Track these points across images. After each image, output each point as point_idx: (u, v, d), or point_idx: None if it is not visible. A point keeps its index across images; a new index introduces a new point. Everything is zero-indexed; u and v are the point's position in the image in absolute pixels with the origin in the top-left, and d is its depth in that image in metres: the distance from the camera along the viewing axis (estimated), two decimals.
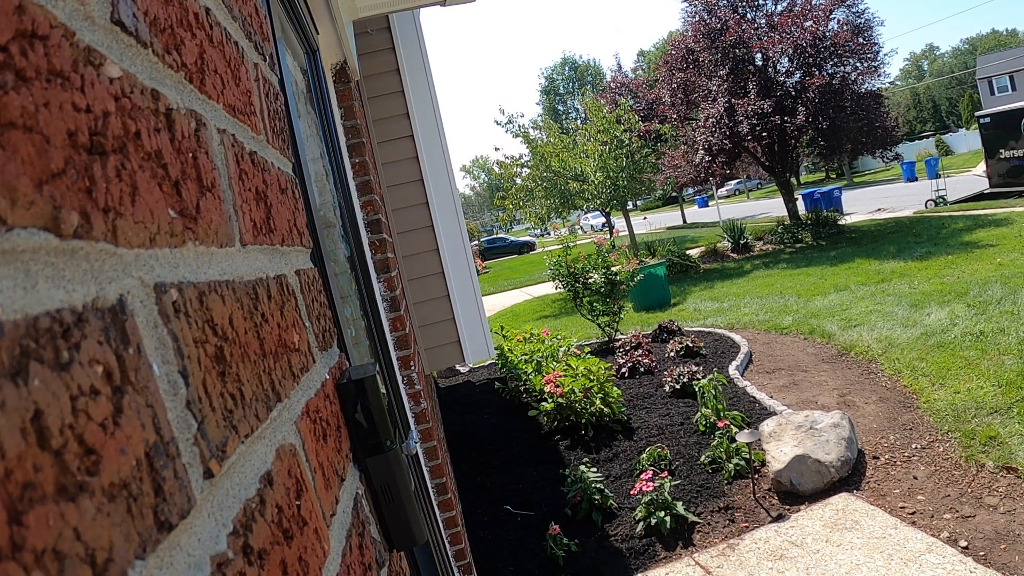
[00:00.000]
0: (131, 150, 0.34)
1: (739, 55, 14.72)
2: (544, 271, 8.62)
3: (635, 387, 5.75)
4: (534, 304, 13.92)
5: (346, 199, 2.06)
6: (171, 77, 0.42)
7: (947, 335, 5.56)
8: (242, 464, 0.41)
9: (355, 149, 2.58)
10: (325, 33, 2.20)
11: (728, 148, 14.58)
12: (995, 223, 11.26)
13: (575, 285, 7.92)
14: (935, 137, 44.70)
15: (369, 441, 0.80)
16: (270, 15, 1.06)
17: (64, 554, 0.23)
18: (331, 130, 2.03)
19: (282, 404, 0.52)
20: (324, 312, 0.82)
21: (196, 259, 0.41)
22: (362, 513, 0.75)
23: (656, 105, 18.33)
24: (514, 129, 15.09)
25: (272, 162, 0.68)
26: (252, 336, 0.48)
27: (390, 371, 2.04)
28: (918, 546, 3.02)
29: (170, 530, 0.30)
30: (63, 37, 0.29)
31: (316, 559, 0.52)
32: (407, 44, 3.66)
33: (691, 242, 19.15)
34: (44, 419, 0.23)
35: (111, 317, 0.30)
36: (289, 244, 0.67)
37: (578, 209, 16.09)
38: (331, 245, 1.96)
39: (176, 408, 0.34)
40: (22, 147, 0.25)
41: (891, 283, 8.17)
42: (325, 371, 0.73)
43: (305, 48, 1.89)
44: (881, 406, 4.63)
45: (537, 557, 3.48)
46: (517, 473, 4.44)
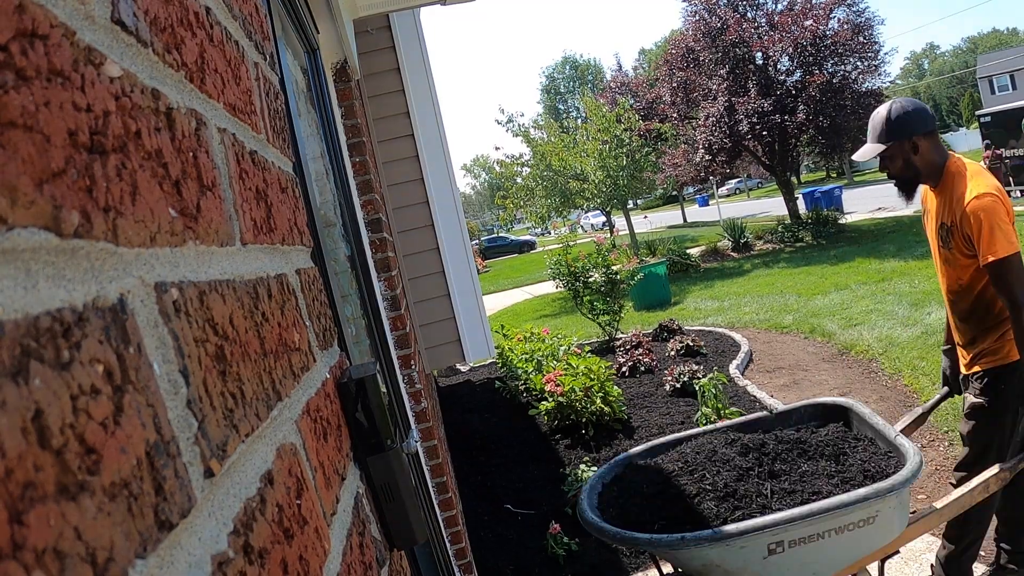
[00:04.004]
0: (131, 149, 0.34)
1: (739, 54, 14.72)
2: (545, 270, 8.62)
3: (635, 386, 5.75)
4: (534, 303, 13.93)
5: (346, 198, 2.06)
6: (171, 76, 0.42)
7: None
8: (243, 463, 0.41)
9: (355, 148, 2.58)
10: (325, 32, 2.20)
11: (728, 147, 14.59)
12: None
13: (575, 284, 7.92)
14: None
15: (370, 440, 0.80)
16: (270, 14, 1.06)
17: (65, 553, 0.23)
18: (331, 129, 2.03)
19: (283, 403, 0.52)
20: (325, 311, 0.82)
21: (196, 258, 0.41)
22: (363, 512, 0.75)
23: (656, 104, 18.33)
24: (515, 128, 15.10)
25: (272, 161, 0.68)
26: (253, 335, 0.48)
27: (391, 370, 2.05)
28: (918, 545, 3.02)
29: (171, 529, 0.30)
30: (63, 36, 0.29)
31: (317, 558, 0.52)
32: (407, 43, 3.65)
33: (691, 241, 19.14)
34: (45, 418, 0.23)
35: (112, 316, 0.30)
36: (289, 243, 0.67)
37: (578, 208, 16.10)
38: (332, 244, 1.97)
39: (177, 407, 0.34)
40: (22, 146, 0.25)
41: (891, 282, 8.16)
42: (326, 370, 0.73)
43: (305, 47, 1.89)
44: (881, 405, 4.63)
45: (538, 556, 3.48)
46: (518, 472, 4.44)
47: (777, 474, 2.27)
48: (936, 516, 2.25)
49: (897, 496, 1.99)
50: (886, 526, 2.04)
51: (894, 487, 1.96)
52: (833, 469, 2.25)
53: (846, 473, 2.22)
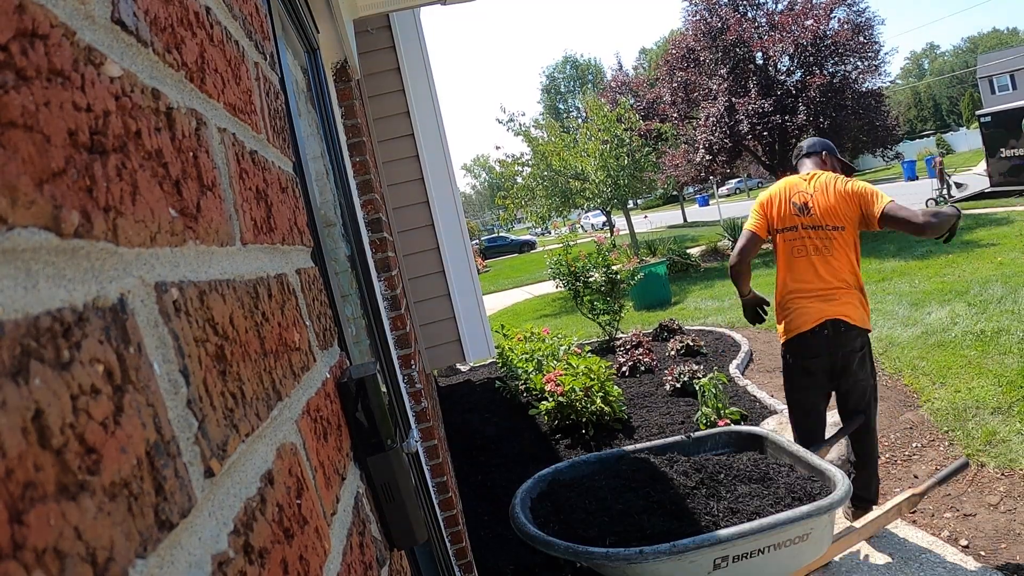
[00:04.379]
0: (132, 149, 0.34)
1: (740, 54, 14.71)
2: (545, 270, 8.61)
3: (636, 386, 5.75)
4: (535, 303, 13.92)
5: (347, 198, 2.06)
6: (171, 76, 0.42)
7: (948, 334, 5.56)
8: (243, 463, 0.41)
9: (355, 148, 2.57)
10: (326, 32, 2.20)
11: (728, 147, 14.58)
12: (996, 222, 11.25)
13: (576, 284, 7.91)
14: (936, 136, 44.68)
15: (370, 440, 0.80)
16: (270, 14, 1.06)
17: (65, 553, 0.23)
18: (332, 129, 2.03)
19: (283, 403, 0.52)
20: (325, 311, 0.82)
21: (197, 258, 0.41)
22: (363, 512, 0.75)
23: (657, 104, 18.32)
24: (515, 128, 15.07)
25: (273, 161, 0.68)
26: (253, 335, 0.48)
27: (391, 370, 2.05)
28: (918, 545, 3.02)
29: (171, 529, 0.30)
30: (63, 36, 0.29)
31: (317, 558, 0.52)
32: (408, 42, 3.65)
33: (692, 241, 19.13)
34: (45, 418, 0.23)
35: (112, 316, 0.30)
36: (290, 243, 0.67)
37: (579, 208, 16.08)
38: (332, 244, 1.97)
39: (177, 407, 0.34)
40: (23, 146, 0.25)
41: (891, 282, 8.16)
42: (326, 370, 0.73)
43: (306, 47, 1.89)
44: (881, 405, 4.63)
45: (538, 556, 3.48)
46: (518, 472, 4.43)
47: (718, 494, 2.42)
48: (856, 535, 2.51)
49: (830, 515, 2.17)
50: (816, 543, 2.21)
51: (832, 505, 2.12)
52: (764, 491, 2.41)
53: (776, 494, 2.38)
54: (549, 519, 2.38)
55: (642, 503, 2.36)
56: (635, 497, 2.40)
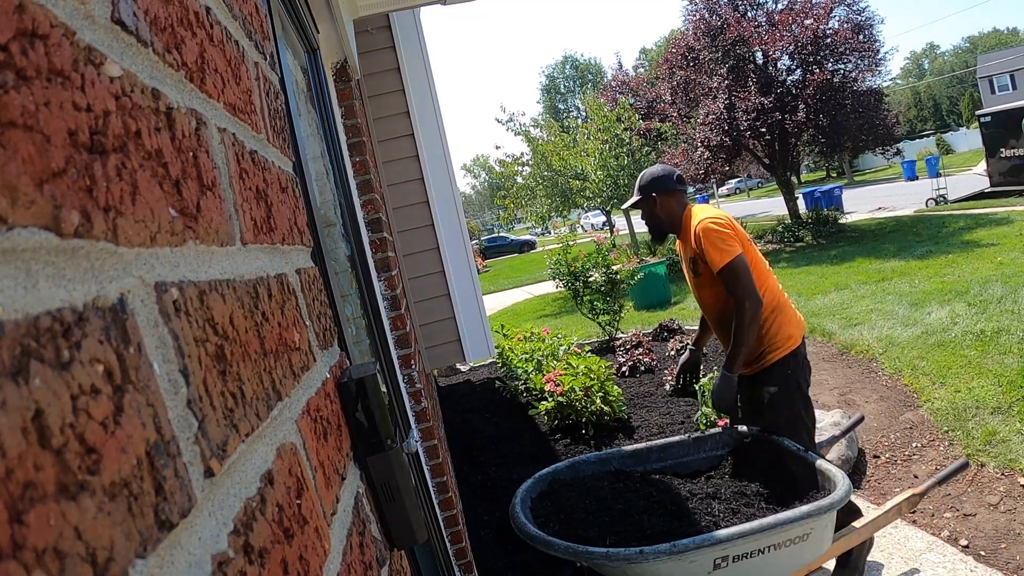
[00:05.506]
0: (131, 149, 0.34)
1: (739, 53, 14.69)
2: (545, 270, 8.61)
3: (636, 386, 5.75)
4: (535, 303, 13.92)
5: (347, 198, 2.06)
6: (171, 76, 0.42)
7: (948, 334, 5.56)
8: (243, 463, 0.41)
9: (355, 148, 2.57)
10: (325, 32, 2.20)
11: (728, 145, 14.56)
12: (995, 222, 11.25)
13: (575, 284, 7.91)
14: (936, 136, 44.67)
15: (370, 440, 0.80)
16: (270, 14, 1.06)
17: (65, 553, 0.23)
18: (331, 129, 2.03)
19: (283, 403, 0.52)
20: (325, 311, 0.82)
21: (196, 258, 0.41)
22: (363, 512, 0.75)
23: (657, 103, 18.32)
24: (515, 127, 15.07)
25: (272, 161, 0.68)
26: (253, 335, 0.48)
27: (391, 370, 2.05)
28: (918, 544, 3.02)
29: (171, 529, 0.30)
30: (63, 36, 0.29)
31: (317, 558, 0.52)
32: (408, 42, 3.65)
33: None
34: (45, 418, 0.23)
35: (112, 316, 0.30)
36: (290, 243, 0.67)
37: (579, 208, 16.08)
38: (332, 244, 1.97)
39: (177, 407, 0.34)
40: (23, 146, 0.25)
41: (892, 282, 8.16)
42: (326, 370, 0.73)
43: (306, 47, 1.89)
44: (881, 405, 4.63)
45: (538, 555, 3.48)
46: (518, 472, 4.43)
47: (718, 494, 2.42)
48: (856, 535, 2.49)
49: (830, 515, 2.16)
50: (816, 543, 2.21)
51: (832, 505, 2.11)
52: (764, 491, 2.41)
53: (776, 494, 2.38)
54: (549, 519, 2.38)
55: (642, 503, 2.36)
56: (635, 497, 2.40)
